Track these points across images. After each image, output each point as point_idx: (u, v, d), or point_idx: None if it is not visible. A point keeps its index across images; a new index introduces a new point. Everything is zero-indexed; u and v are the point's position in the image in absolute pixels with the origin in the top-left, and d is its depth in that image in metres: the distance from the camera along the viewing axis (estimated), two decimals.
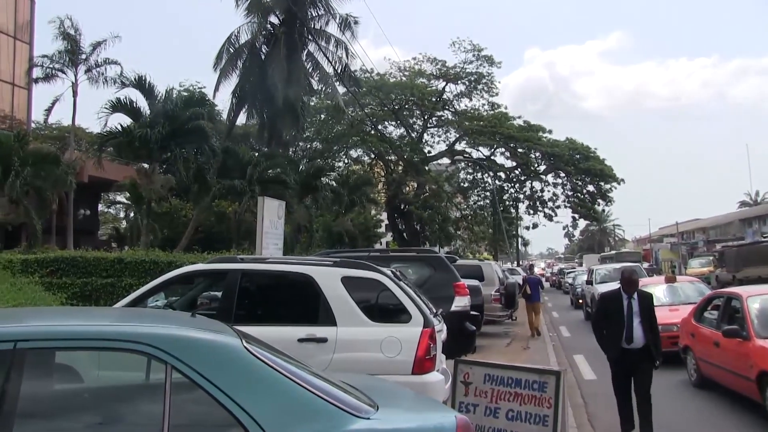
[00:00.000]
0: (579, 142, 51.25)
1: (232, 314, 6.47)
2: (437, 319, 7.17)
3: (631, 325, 7.62)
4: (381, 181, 51.88)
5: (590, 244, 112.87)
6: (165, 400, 3.06)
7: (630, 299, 7.75)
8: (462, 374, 5.78)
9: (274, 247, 14.39)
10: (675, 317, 12.83)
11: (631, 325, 7.61)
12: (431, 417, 3.67)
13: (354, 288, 6.65)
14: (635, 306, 7.70)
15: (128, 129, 24.56)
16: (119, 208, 52.82)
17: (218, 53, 32.02)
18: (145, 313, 5.64)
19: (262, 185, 28.12)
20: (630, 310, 7.68)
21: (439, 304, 8.51)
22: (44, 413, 3.24)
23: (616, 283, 19.64)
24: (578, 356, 14.71)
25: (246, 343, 3.38)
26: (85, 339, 3.29)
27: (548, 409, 5.29)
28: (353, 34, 32.46)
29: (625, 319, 7.63)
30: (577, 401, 9.90)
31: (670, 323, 12.22)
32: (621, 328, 7.62)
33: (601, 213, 61.60)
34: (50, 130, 43.84)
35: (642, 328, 7.60)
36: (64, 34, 29.72)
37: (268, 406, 3.13)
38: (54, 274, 14.95)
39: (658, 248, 68.71)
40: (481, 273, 18.92)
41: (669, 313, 13.19)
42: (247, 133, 41.36)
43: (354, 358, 6.21)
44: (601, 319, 8.10)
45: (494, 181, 53.47)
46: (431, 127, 52.87)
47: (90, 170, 30.06)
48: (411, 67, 50.42)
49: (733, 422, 8.72)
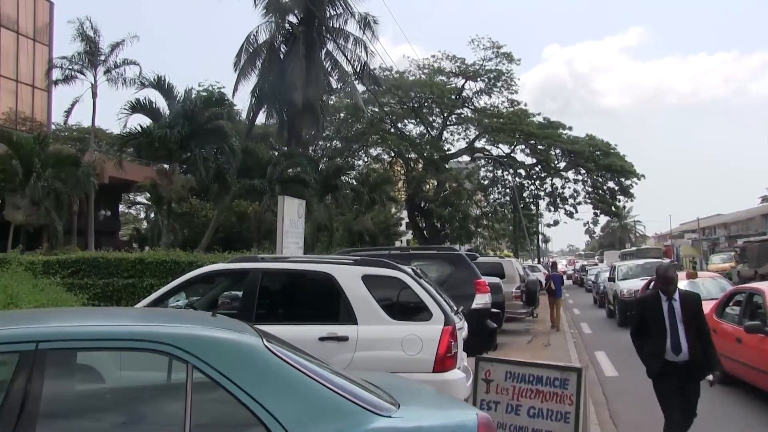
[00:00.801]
0: (599, 138, 51.00)
1: (253, 313, 6.47)
2: (458, 316, 7.14)
3: (675, 332, 6.48)
4: (401, 180, 51.92)
5: (611, 241, 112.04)
6: (186, 399, 3.06)
7: (671, 301, 6.57)
8: (483, 372, 5.75)
9: (294, 246, 14.42)
10: None
11: (675, 333, 6.48)
12: (453, 415, 3.65)
13: (375, 286, 6.63)
14: (677, 309, 6.54)
15: (148, 129, 24.76)
16: (140, 209, 53.36)
17: (237, 53, 32.22)
18: (166, 313, 5.66)
19: (282, 184, 28.23)
20: (672, 314, 6.52)
21: (460, 302, 8.46)
22: (66, 414, 3.25)
23: (639, 280, 19.73)
24: (599, 353, 14.61)
25: (267, 342, 3.37)
26: (105, 339, 3.31)
27: (570, 406, 5.25)
28: (374, 34, 32.52)
29: (667, 327, 6.49)
30: (598, 398, 9.82)
31: None
32: (663, 337, 6.49)
33: (621, 209, 61.20)
34: (70, 132, 44.33)
35: (688, 336, 6.47)
36: (83, 36, 30.02)
37: (289, 405, 3.12)
38: (76, 274, 15.09)
39: (679, 244, 68.05)
40: (502, 270, 18.84)
41: None
42: (266, 133, 41.54)
43: (375, 357, 6.19)
44: (640, 328, 6.87)
45: (514, 178, 53.29)
46: (451, 124, 52.78)
47: (110, 171, 30.33)
48: (430, 64, 50.40)
49: (757, 419, 8.58)
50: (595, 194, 52.25)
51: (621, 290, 20.54)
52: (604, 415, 8.89)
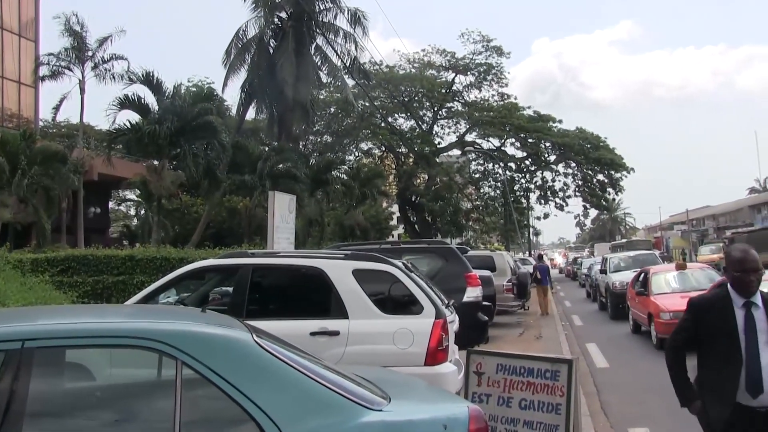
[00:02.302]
0: (589, 131, 51.11)
1: (244, 309, 6.46)
2: (449, 310, 7.15)
3: (756, 358, 4.01)
4: (392, 174, 51.91)
5: (601, 233, 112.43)
6: (176, 396, 3.04)
7: (749, 307, 4.08)
8: (474, 364, 5.75)
9: (285, 241, 14.40)
10: (682, 304, 12.96)
11: (756, 359, 4.01)
12: (444, 408, 3.65)
13: (365, 280, 6.63)
14: (761, 319, 4.06)
15: (137, 126, 24.65)
16: (130, 206, 53.06)
17: (227, 48, 32.06)
18: (156, 309, 5.64)
19: (273, 180, 28.17)
20: (750, 328, 4.05)
21: (451, 295, 8.48)
22: (55, 412, 3.23)
23: (631, 272, 19.75)
24: (591, 345, 14.69)
25: (257, 338, 3.36)
26: (94, 336, 3.28)
27: (561, 397, 5.25)
28: (363, 29, 32.48)
29: (742, 348, 4.03)
30: (590, 389, 9.87)
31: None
32: (736, 364, 4.02)
33: (611, 202, 61.42)
34: (58, 129, 44.05)
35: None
36: (69, 31, 29.79)
37: (280, 400, 3.11)
38: (65, 272, 15.03)
39: (668, 236, 68.50)
40: (492, 263, 18.88)
41: (681, 300, 13.11)
42: (256, 128, 41.43)
43: (366, 351, 6.19)
44: (687, 345, 4.38)
45: (505, 171, 53.33)
46: (441, 118, 52.85)
47: (100, 168, 30.20)
48: (420, 59, 50.43)
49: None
50: (585, 187, 52.42)
51: (613, 282, 20.57)
52: (595, 406, 8.92)
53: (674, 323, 12.51)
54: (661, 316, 13.16)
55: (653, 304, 13.83)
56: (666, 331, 12.75)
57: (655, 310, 13.56)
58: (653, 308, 13.69)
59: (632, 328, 16.21)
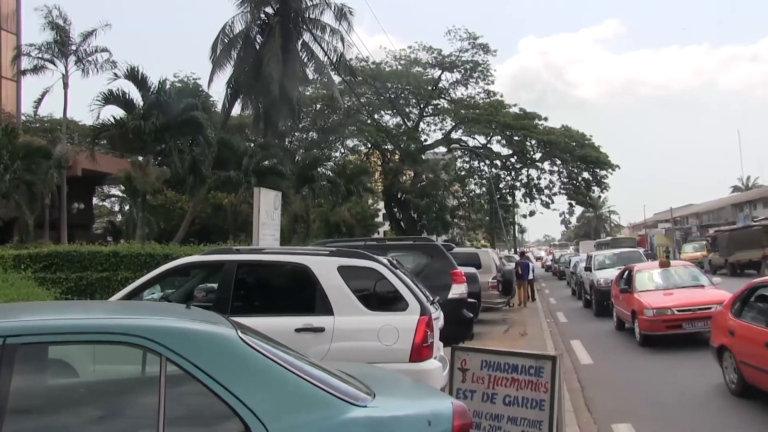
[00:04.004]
0: (574, 129, 51.34)
1: (229, 305, 6.44)
2: (434, 306, 7.16)
3: None
4: (378, 171, 51.91)
5: (586, 231, 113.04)
6: (160, 392, 3.04)
7: None
8: (459, 361, 5.77)
9: (271, 237, 14.36)
10: (670, 301, 13.31)
11: None
12: (428, 404, 3.66)
13: (350, 277, 6.63)
14: None
15: (121, 121, 24.50)
16: (114, 202, 52.81)
17: (213, 44, 31.86)
18: (140, 305, 5.62)
19: (259, 176, 28.10)
20: None
21: (437, 292, 8.50)
22: (38, 409, 3.22)
23: (615, 269, 19.82)
24: (575, 341, 14.76)
25: (241, 334, 3.36)
26: (78, 333, 3.26)
27: (545, 393, 5.28)
28: (350, 25, 32.43)
29: None
30: (574, 386, 9.92)
31: (683, 304, 12.97)
32: None
33: (596, 199, 61.83)
34: (41, 123, 43.68)
35: None
36: (52, 24, 29.54)
37: (264, 397, 3.11)
38: (48, 268, 14.92)
39: (652, 234, 68.92)
40: (478, 260, 18.92)
41: (664, 297, 13.69)
42: (242, 124, 41.28)
43: (351, 347, 6.20)
44: None
45: (491, 169, 53.54)
46: (427, 115, 52.90)
47: (83, 163, 29.99)
48: (407, 55, 50.41)
49: None
50: (570, 185, 52.65)
51: (597, 280, 20.65)
52: (579, 402, 8.97)
53: (658, 320, 12.70)
54: (644, 313, 13.20)
55: (637, 301, 13.88)
56: (649, 328, 13.14)
57: (638, 307, 13.60)
58: (637, 305, 13.74)
59: (616, 325, 16.27)
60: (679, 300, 13.30)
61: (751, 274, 33.49)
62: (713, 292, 13.73)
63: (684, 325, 12.75)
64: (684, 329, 12.77)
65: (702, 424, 7.83)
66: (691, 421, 7.91)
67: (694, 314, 12.71)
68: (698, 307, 12.80)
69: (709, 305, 12.51)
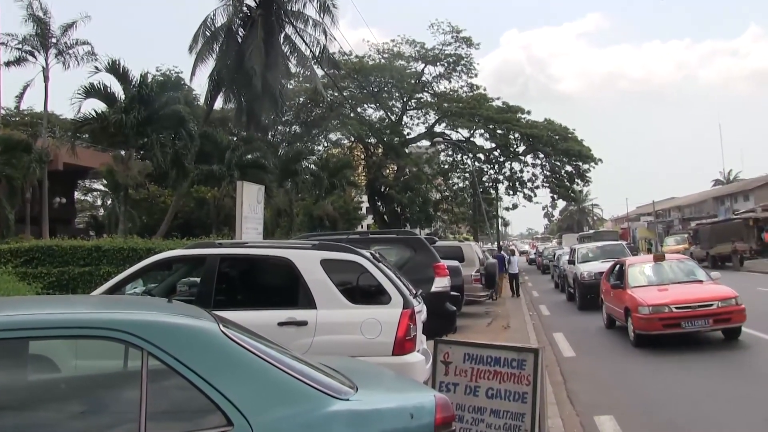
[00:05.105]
0: (557, 123, 51.56)
1: (212, 299, 6.43)
2: (417, 299, 7.17)
3: None
4: (361, 164, 51.88)
5: (569, 224, 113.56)
6: (142, 387, 3.02)
7: None
8: (442, 354, 5.79)
9: (254, 231, 14.33)
10: (667, 297, 12.27)
11: None
12: (411, 397, 3.68)
13: (333, 270, 6.63)
14: None
15: (103, 115, 24.34)
16: (96, 196, 52.37)
17: (194, 36, 31.50)
18: (121, 300, 5.58)
19: (241, 170, 28.02)
20: None
21: (420, 285, 8.51)
22: (18, 405, 3.19)
23: (599, 263, 19.84)
24: (558, 334, 14.85)
25: (223, 328, 3.35)
26: (59, 327, 3.23)
27: (527, 386, 5.31)
28: (332, 18, 32.24)
29: None
30: (556, 378, 9.98)
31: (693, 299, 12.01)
32: None
33: (579, 193, 62.02)
34: (22, 117, 43.23)
35: None
36: (32, 17, 29.23)
37: (246, 390, 3.11)
38: (29, 263, 14.79)
39: (635, 227, 69.44)
40: (461, 254, 18.97)
41: (659, 293, 12.65)
42: (225, 118, 41.04)
43: (334, 341, 6.20)
44: None
45: (474, 162, 53.62)
46: (410, 109, 52.91)
47: (65, 157, 29.70)
48: (390, 49, 50.41)
49: None
50: (553, 178, 52.90)
51: (581, 273, 20.40)
52: (561, 394, 9.03)
53: (654, 318, 11.83)
54: (639, 311, 12.14)
55: (630, 298, 12.86)
56: (644, 327, 12.10)
57: (632, 304, 12.55)
58: (630, 302, 12.71)
59: (606, 323, 15.30)
60: (677, 296, 12.25)
61: (731, 267, 33.94)
62: (713, 288, 12.75)
63: (683, 323, 11.77)
64: (683, 328, 11.80)
65: (686, 416, 7.91)
66: (674, 413, 7.98)
67: (693, 312, 11.79)
68: (698, 304, 11.87)
69: (710, 302, 11.85)
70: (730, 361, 10.90)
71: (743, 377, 9.67)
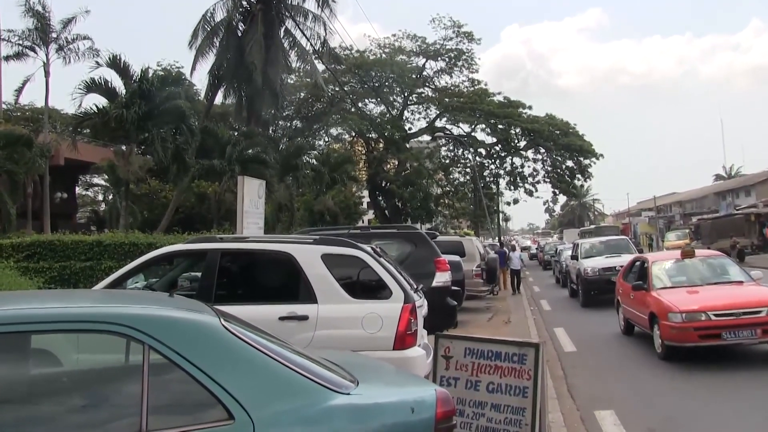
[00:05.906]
0: (558, 118, 51.42)
1: (213, 294, 6.44)
2: (418, 294, 7.18)
3: None
4: (362, 159, 51.81)
5: (570, 219, 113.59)
6: (143, 381, 3.03)
7: None
8: (443, 348, 5.80)
9: (254, 226, 14.34)
10: (704, 302, 10.25)
11: None
12: (411, 391, 3.68)
13: (334, 265, 6.64)
14: None
15: (104, 110, 24.35)
16: (97, 191, 52.36)
17: (194, 31, 31.50)
18: (122, 294, 5.60)
19: (242, 165, 27.98)
20: None
21: (420, 280, 8.52)
22: (20, 399, 3.20)
23: (603, 258, 19.70)
24: (558, 329, 14.84)
25: (224, 322, 3.36)
26: (60, 322, 3.23)
27: (528, 380, 5.32)
28: (332, 11, 32.18)
29: None
30: (557, 373, 10.00)
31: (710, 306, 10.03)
32: None
33: (580, 188, 61.98)
34: (23, 112, 43.23)
35: None
36: (32, 11, 29.20)
37: (247, 384, 3.12)
38: (31, 258, 14.82)
39: (636, 222, 69.50)
40: (462, 249, 18.98)
41: (689, 296, 10.76)
42: (225, 113, 41.01)
43: (335, 335, 6.21)
44: None
45: (475, 157, 53.57)
46: (411, 104, 52.80)
47: (66, 153, 29.73)
48: (391, 44, 50.23)
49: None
50: (554, 173, 52.82)
51: (585, 269, 19.78)
52: (562, 389, 9.05)
53: (688, 327, 10.00)
54: (669, 318, 10.12)
55: (657, 301, 10.84)
56: (676, 338, 10.12)
57: (660, 309, 10.54)
58: (657, 307, 10.69)
59: (623, 329, 13.38)
60: (715, 301, 10.24)
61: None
62: (758, 291, 10.74)
63: (724, 334, 9.72)
64: (724, 340, 9.78)
65: (687, 411, 7.91)
66: (676, 408, 7.99)
67: (737, 320, 9.72)
68: (743, 311, 9.82)
69: (757, 308, 9.87)
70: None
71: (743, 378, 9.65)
